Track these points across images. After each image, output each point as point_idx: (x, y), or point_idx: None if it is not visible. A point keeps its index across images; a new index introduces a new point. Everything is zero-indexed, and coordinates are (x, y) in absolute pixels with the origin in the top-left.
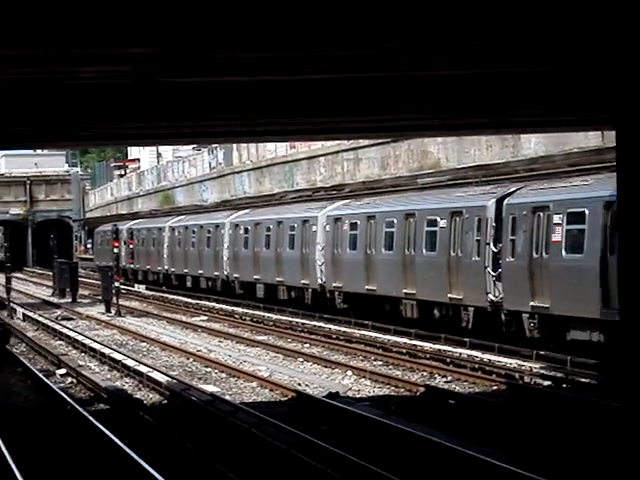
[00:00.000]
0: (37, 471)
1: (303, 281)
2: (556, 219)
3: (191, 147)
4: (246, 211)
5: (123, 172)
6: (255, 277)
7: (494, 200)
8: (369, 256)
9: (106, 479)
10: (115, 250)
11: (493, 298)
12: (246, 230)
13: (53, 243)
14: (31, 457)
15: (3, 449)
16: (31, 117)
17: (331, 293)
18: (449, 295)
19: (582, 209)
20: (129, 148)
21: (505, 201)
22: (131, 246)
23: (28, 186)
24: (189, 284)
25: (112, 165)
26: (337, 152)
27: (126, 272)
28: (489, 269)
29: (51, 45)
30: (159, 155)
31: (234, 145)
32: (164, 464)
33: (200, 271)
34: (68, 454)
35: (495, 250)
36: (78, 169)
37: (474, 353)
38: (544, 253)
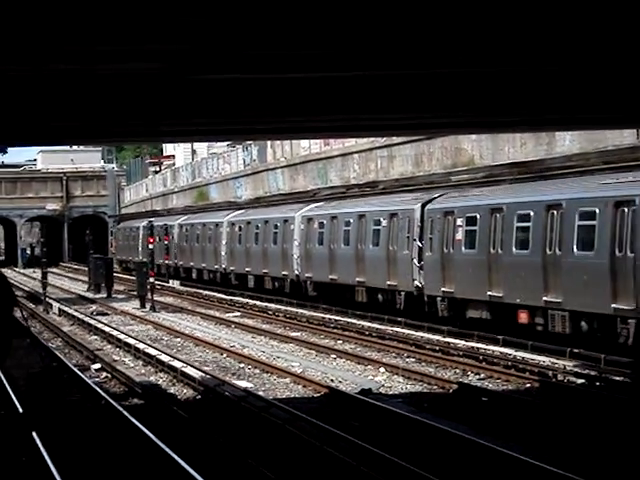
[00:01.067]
0: (71, 465)
1: (283, 272)
2: (458, 222)
3: (226, 144)
4: (242, 211)
5: (158, 169)
6: (247, 269)
7: (419, 205)
8: (332, 250)
9: (140, 473)
10: (150, 246)
11: (418, 284)
12: (240, 228)
13: (89, 238)
14: (65, 451)
15: (38, 443)
16: (67, 113)
17: (304, 282)
18: (387, 282)
19: (474, 214)
20: (164, 145)
21: (427, 206)
22: (166, 242)
23: (64, 182)
24: (194, 275)
25: (147, 162)
26: (371, 149)
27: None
28: (415, 261)
29: (83, 42)
30: (194, 152)
31: (268, 142)
32: (197, 459)
33: (203, 264)
34: (102, 448)
35: (420, 245)
36: (114, 165)
37: (507, 350)
38: (451, 249)
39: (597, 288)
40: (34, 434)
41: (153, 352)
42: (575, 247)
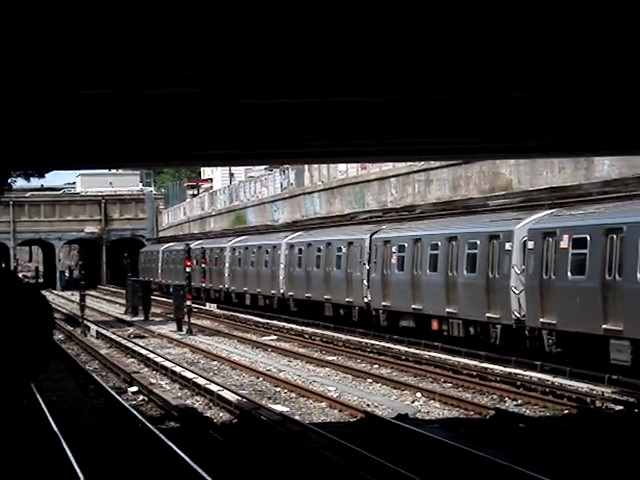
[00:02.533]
0: None
1: (272, 291)
2: (393, 249)
3: (263, 167)
4: (244, 237)
5: (196, 192)
6: (244, 289)
7: (369, 235)
8: (308, 272)
9: None
10: (187, 269)
11: (366, 300)
12: (239, 252)
13: (126, 261)
14: (102, 474)
15: (75, 466)
16: (107, 138)
17: (287, 300)
18: (346, 299)
19: (404, 243)
20: (202, 168)
21: (373, 236)
22: (203, 265)
23: (103, 205)
24: (213, 295)
25: (185, 185)
26: (408, 173)
27: (198, 291)
28: (364, 281)
29: (121, 67)
30: (232, 175)
31: (305, 166)
32: None
33: (210, 284)
34: (139, 472)
35: (368, 268)
36: (152, 189)
37: (545, 377)
38: (388, 271)
39: (476, 301)
40: (70, 455)
41: (190, 375)
42: (465, 270)
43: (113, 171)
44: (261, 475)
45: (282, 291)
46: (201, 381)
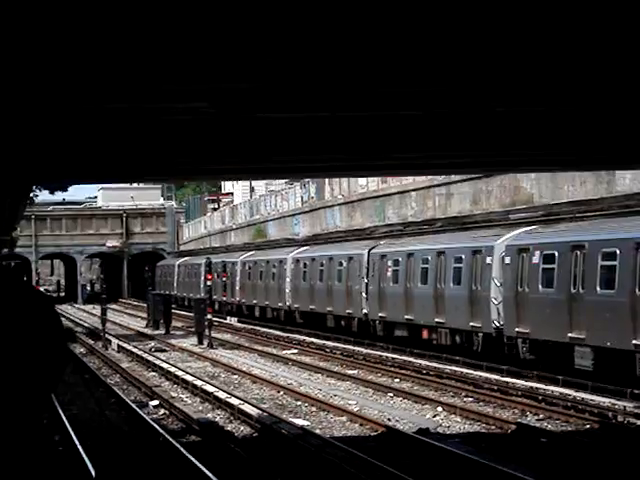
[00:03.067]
0: None
1: (279, 304)
2: (389, 263)
3: (284, 181)
4: (253, 252)
5: (217, 206)
6: (254, 301)
7: (367, 250)
8: (312, 285)
9: None
10: (209, 283)
11: (366, 312)
12: (249, 267)
13: (148, 275)
14: None
15: None
16: (127, 151)
17: (293, 312)
18: (347, 310)
19: (398, 258)
20: (223, 182)
21: (371, 251)
22: (224, 279)
23: (124, 219)
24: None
25: (206, 199)
26: (429, 187)
27: (220, 305)
28: (363, 293)
29: (144, 81)
30: (252, 189)
31: (326, 179)
32: None
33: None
34: None
35: (366, 281)
36: (173, 203)
37: (567, 391)
38: (384, 284)
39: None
40: (91, 469)
41: (210, 389)
42: (451, 282)
43: (135, 185)
44: None
45: (289, 303)
46: (222, 395)
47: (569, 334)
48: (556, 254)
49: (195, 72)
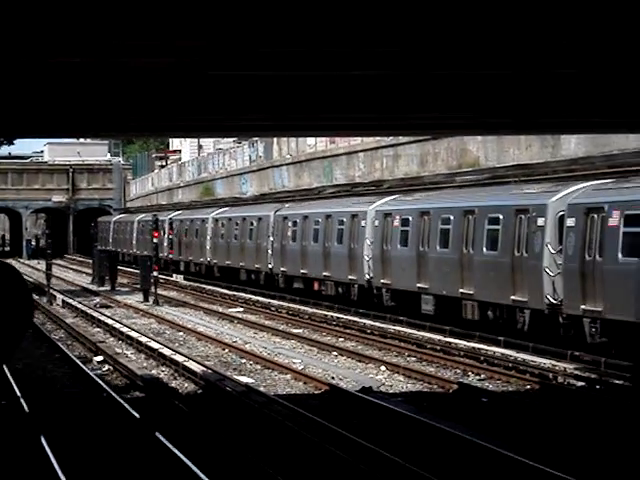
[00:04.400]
0: (72, 457)
1: (201, 259)
2: (289, 224)
3: (232, 140)
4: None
5: (164, 163)
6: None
7: (273, 212)
8: (228, 242)
9: (139, 464)
10: (155, 240)
11: (271, 267)
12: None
13: (94, 231)
14: (66, 443)
15: (40, 436)
16: (77, 106)
17: (212, 267)
18: (255, 265)
19: (296, 219)
20: (171, 139)
21: (276, 213)
22: (170, 236)
23: (71, 174)
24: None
25: (154, 156)
26: (376, 148)
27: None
28: (269, 250)
29: (98, 35)
30: (200, 147)
31: (274, 139)
32: (196, 452)
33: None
34: (103, 440)
35: (272, 239)
36: (120, 159)
37: (508, 352)
38: (285, 242)
39: (407, 272)
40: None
41: (155, 346)
42: (335, 242)
43: (81, 140)
44: (225, 445)
45: (209, 259)
46: (167, 352)
47: (417, 284)
48: (410, 218)
49: (147, 28)
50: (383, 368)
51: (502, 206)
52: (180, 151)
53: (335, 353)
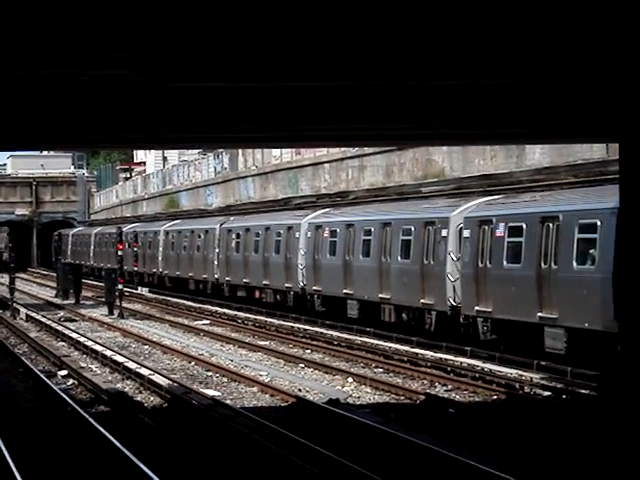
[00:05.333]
0: (36, 472)
1: (154, 270)
2: (233, 236)
3: (197, 151)
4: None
5: (129, 175)
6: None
7: (219, 225)
8: (178, 254)
9: (103, 479)
10: (119, 252)
11: (217, 276)
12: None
13: (57, 244)
14: (31, 458)
15: (3, 449)
16: (39, 118)
17: (164, 277)
18: (203, 275)
19: (239, 232)
20: (135, 151)
21: (222, 226)
22: (135, 249)
23: (34, 187)
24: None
25: (118, 168)
26: (342, 159)
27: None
28: (215, 261)
29: (56, 47)
30: (165, 159)
31: (239, 150)
32: (162, 467)
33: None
34: (67, 455)
35: (217, 250)
36: (84, 171)
37: (475, 362)
38: (229, 253)
39: (334, 279)
40: None
41: (120, 359)
42: (273, 252)
43: (45, 153)
44: (191, 459)
45: (160, 270)
46: (132, 365)
47: (344, 290)
48: (337, 230)
49: (110, 40)
50: (350, 380)
51: (414, 219)
52: (145, 163)
53: (302, 365)
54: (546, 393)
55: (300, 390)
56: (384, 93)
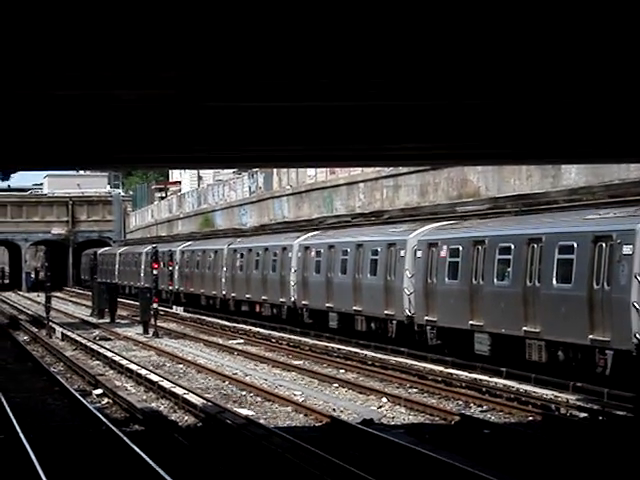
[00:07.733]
0: None
1: (170, 287)
2: (238, 256)
3: (232, 171)
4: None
5: (164, 194)
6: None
7: (226, 245)
8: (191, 272)
9: None
10: (154, 272)
11: (224, 293)
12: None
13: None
14: (65, 477)
15: (38, 468)
16: (76, 138)
17: (179, 293)
18: (212, 292)
19: (243, 252)
20: (170, 171)
21: (229, 246)
22: (170, 268)
23: (70, 206)
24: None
25: (153, 187)
26: (377, 179)
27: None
28: (223, 279)
29: (88, 67)
30: (200, 178)
31: (274, 170)
32: None
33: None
34: (102, 474)
35: (225, 269)
36: (120, 190)
37: (510, 383)
38: (235, 271)
39: (320, 295)
40: (33, 457)
41: (155, 378)
42: (271, 270)
43: (81, 172)
44: (225, 478)
45: (176, 287)
46: (166, 384)
47: (326, 304)
48: (321, 251)
49: (144, 60)
50: (384, 400)
51: (380, 241)
52: (180, 182)
53: (336, 385)
54: (582, 414)
55: (334, 410)
56: (416, 113)
